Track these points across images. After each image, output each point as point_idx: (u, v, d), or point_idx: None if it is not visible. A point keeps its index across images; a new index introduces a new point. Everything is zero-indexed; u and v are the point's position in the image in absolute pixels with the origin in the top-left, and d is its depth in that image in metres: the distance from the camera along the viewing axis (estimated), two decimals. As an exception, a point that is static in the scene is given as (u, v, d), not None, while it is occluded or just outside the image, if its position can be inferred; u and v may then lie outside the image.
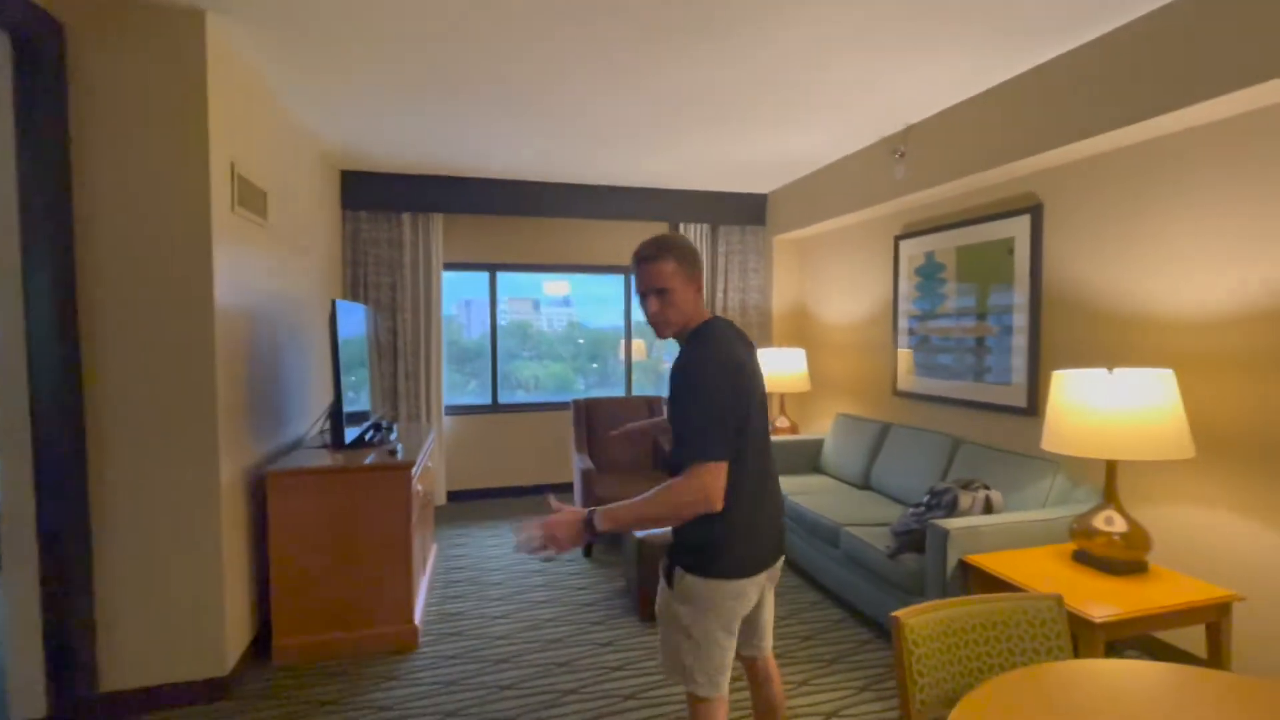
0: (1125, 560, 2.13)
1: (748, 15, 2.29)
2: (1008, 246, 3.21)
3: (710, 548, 1.44)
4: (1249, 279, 2.23)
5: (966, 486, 2.58)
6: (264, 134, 2.87)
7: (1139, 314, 2.59)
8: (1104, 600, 1.94)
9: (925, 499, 2.66)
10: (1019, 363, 3.14)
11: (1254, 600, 2.21)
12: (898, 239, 4.05)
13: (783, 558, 1.61)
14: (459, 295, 5.21)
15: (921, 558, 2.51)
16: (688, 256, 1.48)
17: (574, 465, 4.18)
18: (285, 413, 3.11)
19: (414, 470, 2.75)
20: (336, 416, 2.83)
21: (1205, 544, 2.36)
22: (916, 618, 1.34)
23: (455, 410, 5.04)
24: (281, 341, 3.08)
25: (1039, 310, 3.04)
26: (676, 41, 2.49)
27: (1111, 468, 2.19)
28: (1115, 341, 2.68)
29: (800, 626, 2.87)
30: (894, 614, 1.34)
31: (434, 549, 3.86)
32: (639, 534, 2.96)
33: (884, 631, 2.80)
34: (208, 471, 2.29)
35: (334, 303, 2.76)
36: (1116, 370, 2.13)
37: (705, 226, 5.23)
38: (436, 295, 4.71)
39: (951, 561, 2.32)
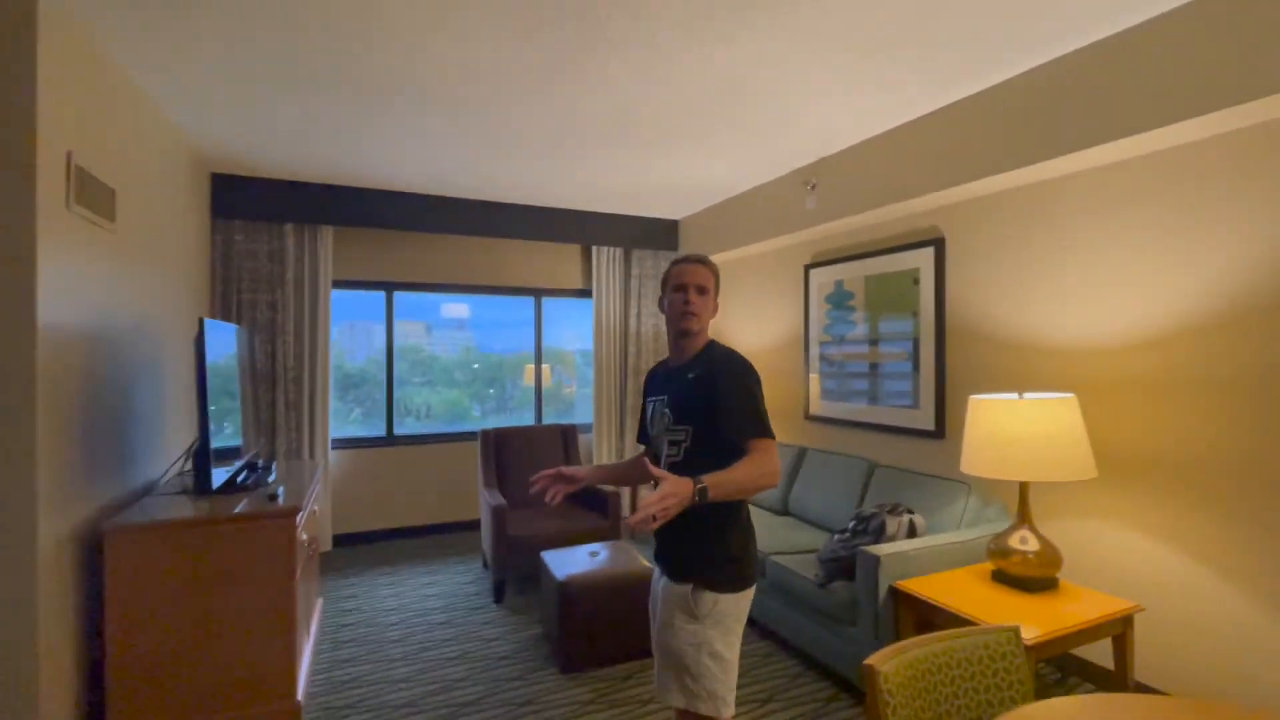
0: (1039, 578, 2.22)
1: (673, 33, 2.23)
2: (913, 276, 3.37)
3: (739, 559, 1.57)
4: (1130, 309, 2.44)
5: (892, 511, 2.61)
6: (114, 123, 2.42)
7: (1037, 341, 2.77)
8: (1026, 620, 1.98)
9: (852, 524, 2.66)
10: (926, 387, 3.28)
11: (1151, 611, 2.37)
12: (808, 268, 4.17)
13: None
14: (342, 317, 4.75)
15: (852, 585, 2.49)
16: (718, 275, 1.72)
17: (482, 501, 3.86)
18: (133, 453, 2.60)
19: (299, 517, 2.36)
20: (201, 455, 2.39)
21: (1105, 558, 2.51)
22: (889, 663, 1.25)
23: (343, 443, 4.54)
24: (131, 367, 2.58)
25: (944, 337, 3.19)
26: (597, 52, 2.39)
27: (1024, 488, 2.28)
28: (1017, 367, 2.85)
29: (730, 664, 2.75)
30: (867, 661, 1.24)
31: (319, 604, 3.38)
32: (562, 576, 2.73)
33: (816, 663, 2.75)
34: (21, 531, 1.82)
35: (202, 321, 2.35)
36: (1026, 394, 2.24)
37: (619, 250, 5.15)
38: (324, 315, 4.24)
39: (883, 588, 2.31)
